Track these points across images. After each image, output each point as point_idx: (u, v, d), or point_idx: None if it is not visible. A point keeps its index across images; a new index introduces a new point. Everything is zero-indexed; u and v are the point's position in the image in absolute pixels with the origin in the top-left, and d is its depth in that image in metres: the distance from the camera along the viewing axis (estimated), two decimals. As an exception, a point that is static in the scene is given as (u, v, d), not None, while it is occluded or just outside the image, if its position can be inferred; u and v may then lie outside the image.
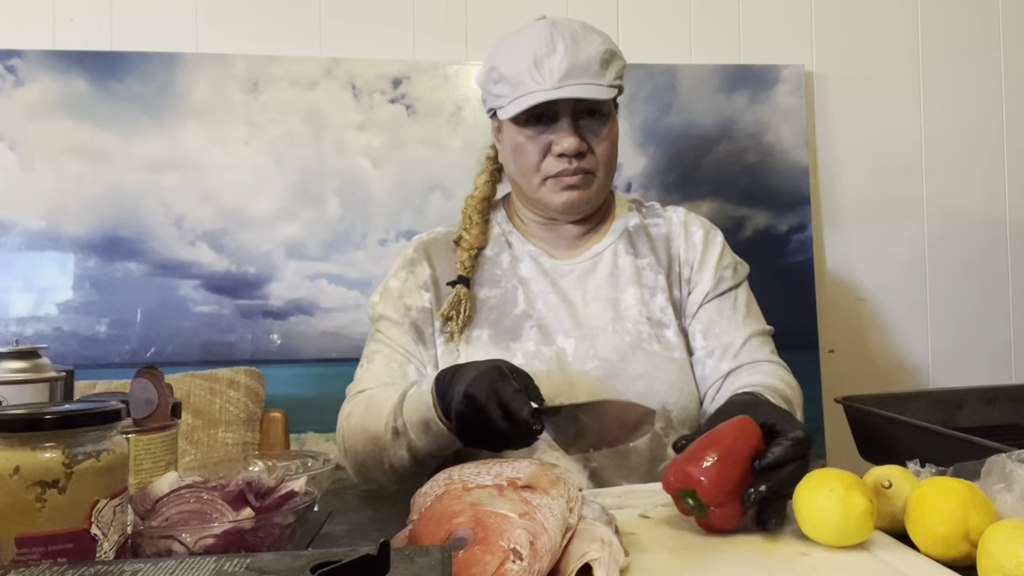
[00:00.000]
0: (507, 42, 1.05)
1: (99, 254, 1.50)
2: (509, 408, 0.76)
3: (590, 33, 1.02)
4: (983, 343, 1.75)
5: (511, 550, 0.54)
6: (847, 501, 0.64)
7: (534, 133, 1.03)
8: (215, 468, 0.84)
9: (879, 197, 1.74)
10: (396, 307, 1.08)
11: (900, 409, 1.14)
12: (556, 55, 0.98)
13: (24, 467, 0.50)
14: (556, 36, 1.00)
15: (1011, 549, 0.56)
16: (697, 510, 0.70)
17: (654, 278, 1.09)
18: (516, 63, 1.01)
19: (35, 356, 0.85)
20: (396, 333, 1.07)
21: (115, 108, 1.51)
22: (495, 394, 0.77)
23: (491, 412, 0.76)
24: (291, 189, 1.55)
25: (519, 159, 1.05)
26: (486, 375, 0.78)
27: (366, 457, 0.95)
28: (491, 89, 1.06)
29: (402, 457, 0.91)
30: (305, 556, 0.46)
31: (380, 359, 1.06)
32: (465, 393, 0.78)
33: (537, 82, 0.99)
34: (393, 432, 0.90)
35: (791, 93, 1.68)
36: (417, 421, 0.87)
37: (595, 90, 0.99)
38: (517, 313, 1.06)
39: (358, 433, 0.96)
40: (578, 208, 1.07)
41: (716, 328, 1.06)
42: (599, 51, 1.00)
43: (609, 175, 1.08)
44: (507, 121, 1.04)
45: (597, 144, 1.03)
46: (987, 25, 1.77)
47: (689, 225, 1.13)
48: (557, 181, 1.04)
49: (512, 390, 0.77)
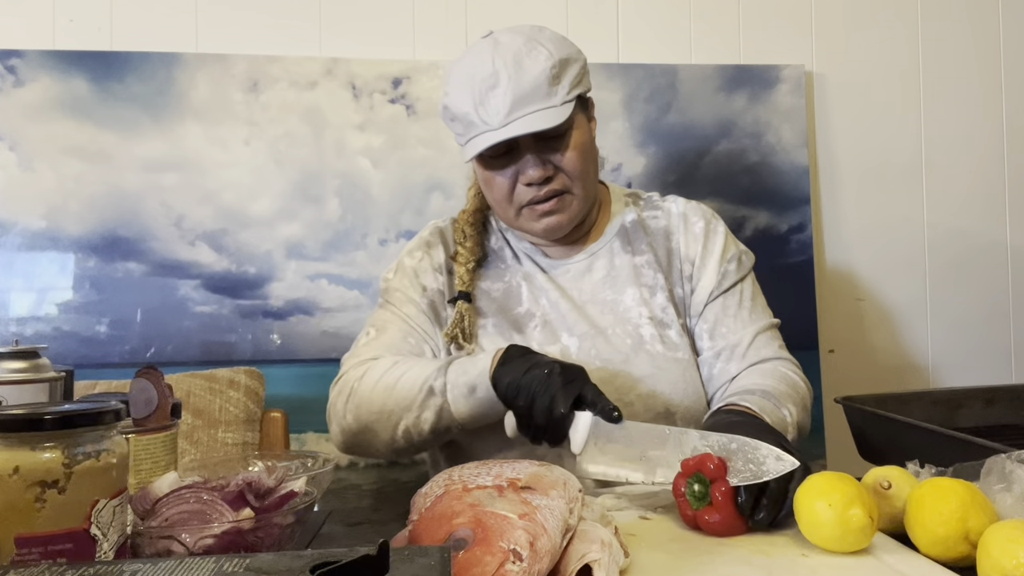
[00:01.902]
0: (453, 74, 1.01)
1: (99, 254, 1.50)
2: (555, 399, 0.79)
3: (535, 48, 0.97)
4: (983, 343, 1.75)
5: (511, 551, 0.54)
6: (845, 516, 0.64)
7: (499, 167, 1.01)
8: (215, 468, 0.84)
9: (879, 197, 1.74)
10: (413, 284, 1.07)
11: (900, 409, 1.14)
12: (499, 87, 0.94)
13: (24, 467, 0.50)
14: (498, 64, 0.95)
15: (1011, 549, 0.56)
16: (696, 500, 0.71)
17: (653, 276, 1.07)
18: (462, 102, 0.97)
19: (35, 356, 0.85)
20: (413, 311, 1.06)
21: (115, 108, 1.51)
22: (556, 384, 0.80)
23: (540, 399, 0.80)
24: (291, 189, 1.55)
25: (491, 192, 1.04)
26: (565, 367, 0.82)
27: (377, 418, 0.94)
28: (449, 127, 1.04)
29: (424, 420, 0.92)
30: (305, 556, 0.46)
31: (395, 330, 1.05)
32: (529, 370, 0.82)
33: (484, 121, 0.96)
34: (428, 391, 0.91)
35: (791, 93, 1.68)
36: (463, 383, 0.89)
37: (544, 117, 0.95)
38: (521, 311, 1.06)
39: (380, 391, 0.94)
40: (559, 231, 1.05)
41: (722, 327, 1.04)
42: (544, 69, 0.95)
43: (588, 185, 1.04)
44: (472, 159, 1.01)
45: (564, 162, 1.00)
46: (987, 25, 1.77)
47: (689, 216, 1.10)
48: (532, 210, 1.02)
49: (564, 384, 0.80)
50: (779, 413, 0.93)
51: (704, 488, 0.71)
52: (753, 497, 0.71)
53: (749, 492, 0.70)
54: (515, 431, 0.85)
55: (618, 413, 0.79)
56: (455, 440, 1.04)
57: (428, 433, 0.93)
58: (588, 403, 0.81)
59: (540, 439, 0.83)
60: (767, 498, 0.71)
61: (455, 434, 0.96)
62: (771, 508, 0.71)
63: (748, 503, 0.70)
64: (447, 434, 0.95)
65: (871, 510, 0.65)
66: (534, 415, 0.81)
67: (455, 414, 0.91)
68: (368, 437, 0.97)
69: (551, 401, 0.80)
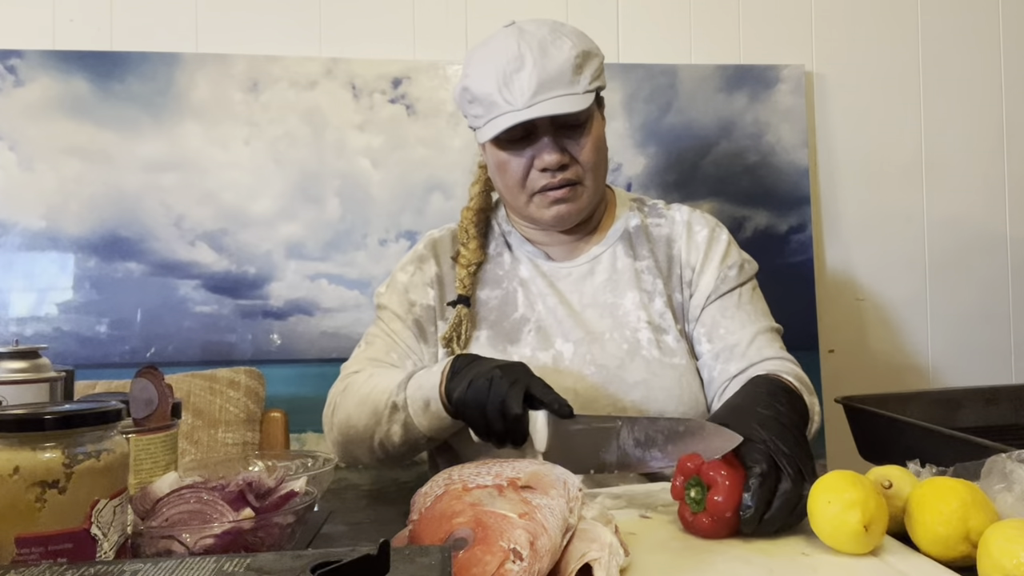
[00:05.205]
0: (476, 57, 1.02)
1: (99, 254, 1.50)
2: (506, 403, 0.79)
3: (560, 38, 0.99)
4: (983, 343, 1.75)
5: (511, 550, 0.54)
6: (839, 520, 0.63)
7: (515, 151, 1.01)
8: (215, 468, 0.84)
9: (879, 197, 1.74)
10: (401, 301, 1.08)
11: (900, 409, 1.14)
12: (524, 70, 0.96)
13: (24, 467, 0.50)
14: (523, 48, 0.97)
15: (1011, 549, 0.56)
16: (695, 504, 0.70)
17: (652, 281, 1.07)
18: (485, 83, 0.98)
19: (35, 356, 0.85)
20: (399, 327, 1.07)
21: (115, 108, 1.51)
22: (502, 388, 0.80)
23: (489, 406, 0.80)
24: (291, 189, 1.55)
25: (504, 177, 1.04)
26: (505, 369, 0.82)
27: (355, 432, 0.96)
28: (466, 110, 1.05)
29: (394, 433, 0.92)
30: (305, 556, 0.46)
31: (380, 344, 1.07)
32: (472, 382, 0.82)
33: (508, 102, 0.96)
34: (392, 407, 0.92)
35: (791, 93, 1.68)
36: (419, 398, 0.89)
37: (569, 102, 0.96)
38: (516, 317, 1.06)
39: (354, 406, 0.96)
40: (568, 220, 1.05)
41: (720, 329, 1.03)
42: (569, 57, 0.97)
43: (599, 179, 1.05)
44: (488, 141, 1.02)
45: (580, 152, 1.01)
46: (987, 25, 1.77)
47: (692, 224, 1.10)
48: (544, 196, 1.02)
49: (509, 386, 0.79)
50: (811, 399, 0.92)
51: (701, 493, 0.70)
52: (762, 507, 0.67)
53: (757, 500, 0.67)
54: (478, 438, 0.85)
55: (568, 408, 0.80)
56: (447, 442, 1.04)
57: (400, 445, 0.93)
58: (538, 400, 0.80)
59: (503, 443, 0.82)
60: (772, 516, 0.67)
61: (427, 445, 0.96)
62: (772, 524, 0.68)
63: (754, 520, 0.67)
64: (420, 445, 0.95)
65: (869, 518, 0.63)
66: (490, 423, 0.81)
67: (419, 427, 0.90)
68: (353, 449, 0.98)
69: (502, 406, 0.79)
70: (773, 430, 0.73)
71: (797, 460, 0.70)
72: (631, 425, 0.78)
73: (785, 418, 0.76)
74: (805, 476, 0.69)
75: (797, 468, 0.69)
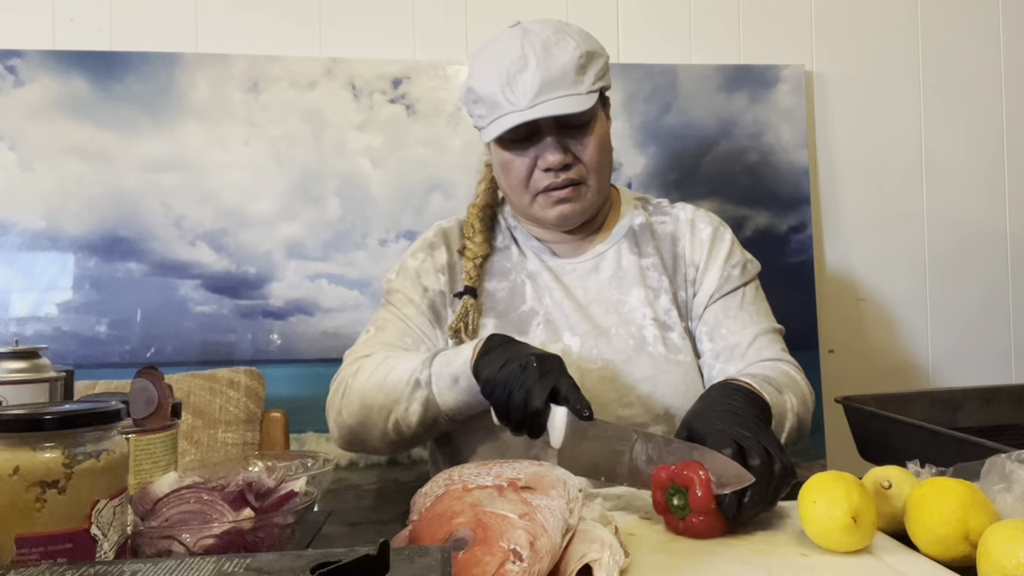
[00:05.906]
0: (481, 58, 1.03)
1: (99, 254, 1.50)
2: (531, 394, 0.80)
3: (564, 38, 0.99)
4: (983, 343, 1.75)
5: (511, 551, 0.54)
6: (826, 516, 0.64)
7: (518, 151, 1.01)
8: (215, 468, 0.84)
9: (879, 197, 1.74)
10: (414, 286, 1.08)
11: (900, 409, 1.14)
12: (527, 70, 0.96)
13: (24, 467, 0.50)
14: (527, 48, 0.97)
15: (1011, 549, 0.56)
16: (680, 510, 0.71)
17: (658, 278, 1.07)
18: (489, 83, 0.99)
19: (35, 356, 0.85)
20: (412, 311, 1.07)
21: (115, 108, 1.51)
22: (531, 378, 0.80)
23: (515, 393, 0.81)
24: (291, 189, 1.55)
25: (507, 177, 1.05)
26: (541, 359, 0.82)
27: (369, 412, 0.96)
28: (471, 109, 1.05)
29: (412, 412, 0.92)
30: (305, 556, 0.46)
31: (393, 329, 1.06)
32: (505, 364, 0.83)
33: (511, 102, 0.97)
34: (415, 384, 0.92)
35: (791, 93, 1.68)
36: (447, 375, 0.90)
37: (572, 102, 0.96)
38: (525, 309, 1.06)
39: (371, 385, 0.96)
40: (572, 220, 1.06)
41: (722, 329, 1.04)
42: (573, 58, 0.97)
43: (603, 178, 1.05)
44: (492, 141, 1.02)
45: (583, 152, 1.01)
46: (987, 25, 1.77)
47: (696, 223, 1.11)
48: (547, 196, 1.03)
49: (539, 378, 0.80)
50: (780, 398, 0.92)
51: (683, 498, 0.71)
52: (737, 498, 0.70)
53: (733, 494, 0.70)
54: (499, 421, 0.86)
55: (588, 412, 0.80)
56: (449, 435, 1.05)
57: (417, 425, 0.94)
58: (561, 397, 0.81)
59: (520, 431, 0.83)
60: (750, 499, 0.70)
61: (445, 426, 0.97)
62: (751, 508, 0.70)
63: (732, 505, 0.70)
64: (436, 426, 0.95)
65: (856, 508, 0.64)
66: (511, 410, 0.82)
67: (441, 405, 0.91)
68: (363, 432, 0.98)
69: (526, 396, 0.80)
70: (729, 420, 0.77)
71: (759, 440, 0.74)
72: (646, 441, 0.79)
73: (740, 410, 0.80)
74: (772, 454, 0.72)
75: (761, 447, 0.73)
